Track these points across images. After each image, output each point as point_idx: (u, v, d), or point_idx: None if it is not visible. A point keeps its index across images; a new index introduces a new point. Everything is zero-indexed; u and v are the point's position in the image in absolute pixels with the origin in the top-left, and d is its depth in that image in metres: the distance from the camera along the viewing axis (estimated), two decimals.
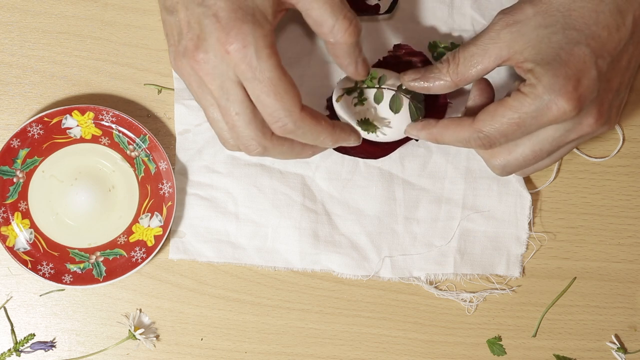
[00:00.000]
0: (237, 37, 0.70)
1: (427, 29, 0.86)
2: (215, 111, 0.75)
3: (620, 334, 0.89)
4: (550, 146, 0.76)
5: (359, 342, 0.88)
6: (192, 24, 0.72)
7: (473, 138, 0.76)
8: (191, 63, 0.73)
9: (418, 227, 0.87)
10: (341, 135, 0.76)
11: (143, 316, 0.88)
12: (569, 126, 0.75)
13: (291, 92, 0.72)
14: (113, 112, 0.85)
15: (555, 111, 0.73)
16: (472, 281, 0.88)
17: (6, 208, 0.86)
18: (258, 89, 0.71)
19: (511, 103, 0.74)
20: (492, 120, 0.75)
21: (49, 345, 0.88)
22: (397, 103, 0.80)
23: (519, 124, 0.74)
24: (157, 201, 0.86)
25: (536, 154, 0.77)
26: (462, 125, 0.77)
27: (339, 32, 0.74)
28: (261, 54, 0.71)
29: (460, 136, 0.77)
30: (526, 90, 0.73)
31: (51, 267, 0.86)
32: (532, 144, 0.76)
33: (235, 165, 0.87)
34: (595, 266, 0.88)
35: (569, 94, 0.72)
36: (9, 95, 0.88)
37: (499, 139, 0.75)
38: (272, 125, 0.73)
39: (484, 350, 0.88)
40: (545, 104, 0.73)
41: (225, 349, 0.88)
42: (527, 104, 0.73)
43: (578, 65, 0.72)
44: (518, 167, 0.78)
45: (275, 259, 0.87)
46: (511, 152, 0.77)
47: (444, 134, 0.78)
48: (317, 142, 0.75)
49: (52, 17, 0.87)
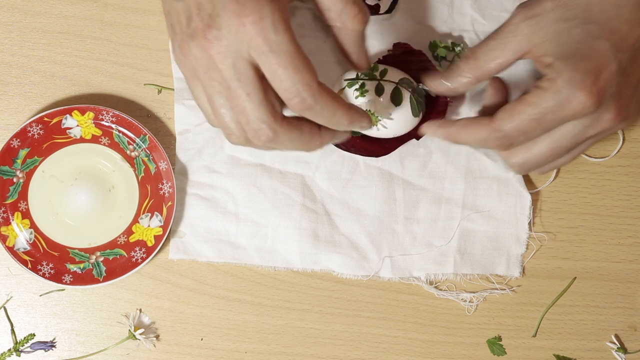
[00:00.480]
0: (253, 10, 0.68)
1: (427, 28, 0.86)
2: (222, 98, 0.72)
3: (620, 334, 0.89)
4: (569, 142, 0.75)
5: (359, 342, 0.88)
6: (203, 3, 0.70)
7: (491, 138, 0.75)
8: (202, 43, 0.70)
9: (418, 227, 0.87)
10: (356, 115, 0.74)
11: (143, 316, 0.88)
12: (588, 122, 0.74)
13: (308, 65, 0.70)
14: (113, 112, 0.85)
15: (575, 105, 0.72)
16: (472, 281, 0.88)
17: (6, 208, 0.86)
18: (275, 63, 0.69)
19: (530, 99, 0.73)
20: (511, 118, 0.74)
21: (49, 345, 0.88)
22: (398, 96, 0.80)
23: (538, 121, 0.73)
24: (157, 201, 0.86)
25: (555, 151, 0.76)
26: (480, 125, 0.76)
27: (347, 18, 0.73)
28: (278, 27, 0.68)
29: (479, 136, 0.76)
30: (545, 85, 0.72)
31: (51, 267, 0.86)
32: (551, 140, 0.75)
33: (235, 165, 0.87)
34: (595, 266, 0.88)
35: (589, 87, 0.71)
36: (9, 95, 0.88)
37: (518, 137, 0.74)
38: (290, 101, 0.70)
39: (484, 350, 0.88)
40: (565, 98, 0.72)
41: (225, 349, 0.88)
42: (547, 99, 0.72)
43: (598, 59, 0.72)
44: (536, 164, 0.77)
45: (275, 259, 0.87)
46: (529, 150, 0.76)
47: (461, 134, 0.77)
48: (333, 121, 0.72)
49: (52, 17, 0.87)
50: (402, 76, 0.81)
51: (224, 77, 0.70)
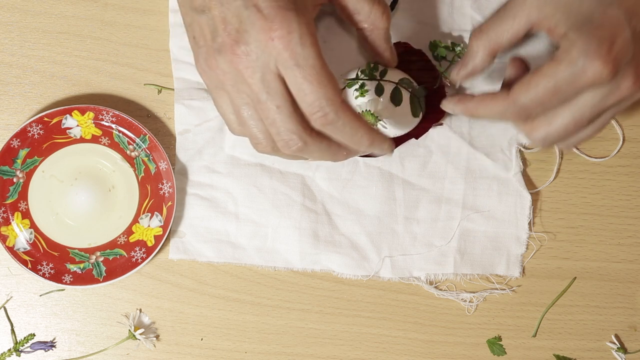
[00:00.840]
0: (281, 24, 0.69)
1: (427, 28, 0.86)
2: (250, 110, 0.73)
3: (620, 334, 0.89)
4: (590, 113, 0.75)
5: (359, 342, 0.88)
6: (229, 18, 0.71)
7: (509, 110, 0.76)
8: (230, 58, 0.71)
9: (418, 227, 0.87)
10: (377, 138, 0.74)
11: (143, 316, 0.88)
12: (606, 90, 0.74)
13: (333, 81, 0.71)
14: (113, 112, 0.85)
15: (590, 75, 0.72)
16: (472, 281, 0.88)
17: (6, 208, 0.86)
18: (300, 77, 0.70)
19: (546, 70, 0.73)
20: (527, 89, 0.74)
21: (49, 345, 0.88)
22: (398, 96, 0.80)
23: (554, 91, 0.73)
24: (157, 201, 0.86)
25: (577, 122, 0.76)
26: (498, 98, 0.76)
27: (377, 17, 0.76)
28: (305, 41, 0.69)
29: (496, 109, 0.76)
30: (560, 56, 0.72)
31: (51, 267, 0.86)
32: (572, 112, 0.75)
33: (235, 165, 0.87)
34: (595, 266, 0.88)
35: (604, 56, 0.71)
36: (9, 95, 0.88)
37: (535, 108, 0.75)
38: (312, 115, 0.71)
39: (484, 350, 0.88)
40: (580, 68, 0.72)
41: (225, 349, 0.88)
42: (562, 70, 0.72)
43: (612, 27, 0.72)
44: (559, 137, 0.77)
45: (275, 259, 0.87)
46: (551, 123, 0.76)
47: (479, 108, 0.78)
48: (354, 140, 0.73)
49: (52, 17, 0.87)
50: (402, 76, 0.81)
51: (254, 91, 0.72)
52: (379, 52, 0.79)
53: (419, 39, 0.86)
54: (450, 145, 0.87)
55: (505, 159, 0.87)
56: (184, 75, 0.86)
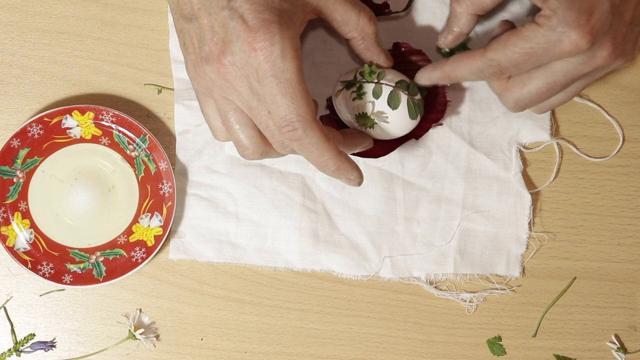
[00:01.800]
0: (265, 36, 0.70)
1: (427, 28, 0.86)
2: (236, 115, 0.75)
3: (620, 334, 0.89)
4: (564, 79, 0.76)
5: (359, 342, 0.88)
6: (215, 28, 0.72)
7: (485, 67, 0.76)
8: (217, 67, 0.73)
9: (418, 227, 0.87)
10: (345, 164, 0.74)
11: (143, 316, 0.88)
12: (582, 59, 0.75)
13: (307, 99, 0.72)
14: (113, 112, 0.85)
15: (567, 44, 0.73)
16: (472, 281, 0.88)
17: (6, 208, 0.86)
18: (276, 89, 0.71)
19: (524, 33, 0.74)
20: (504, 48, 0.75)
21: (49, 345, 0.88)
22: (395, 99, 0.80)
23: (530, 54, 0.74)
24: (157, 201, 0.86)
25: (550, 86, 0.77)
26: (474, 56, 0.77)
27: (365, 24, 0.77)
28: (286, 55, 0.71)
29: (473, 67, 0.77)
30: (540, 22, 0.73)
31: (51, 267, 0.86)
32: (546, 76, 0.76)
33: (235, 165, 0.87)
34: (595, 266, 0.88)
35: (582, 27, 0.72)
36: (9, 95, 0.88)
37: (510, 68, 0.76)
38: (281, 128, 0.72)
39: (484, 350, 0.88)
40: (558, 36, 0.73)
41: (225, 349, 0.88)
42: (540, 35, 0.73)
43: None
44: (531, 101, 0.78)
45: (275, 259, 0.87)
46: (525, 85, 0.77)
47: (456, 69, 0.78)
48: (319, 162, 0.74)
49: (52, 17, 0.87)
50: (400, 77, 0.81)
51: (244, 99, 0.73)
52: (373, 57, 0.80)
53: (418, 39, 0.86)
54: (450, 145, 0.87)
55: (505, 159, 0.87)
56: (184, 75, 0.86)
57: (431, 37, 0.86)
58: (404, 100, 0.80)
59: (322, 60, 0.86)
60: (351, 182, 0.76)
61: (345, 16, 0.77)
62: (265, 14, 0.71)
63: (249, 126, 0.75)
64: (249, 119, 0.75)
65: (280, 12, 0.72)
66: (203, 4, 0.73)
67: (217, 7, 0.72)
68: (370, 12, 0.78)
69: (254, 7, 0.71)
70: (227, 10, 0.72)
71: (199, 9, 0.73)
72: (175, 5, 0.76)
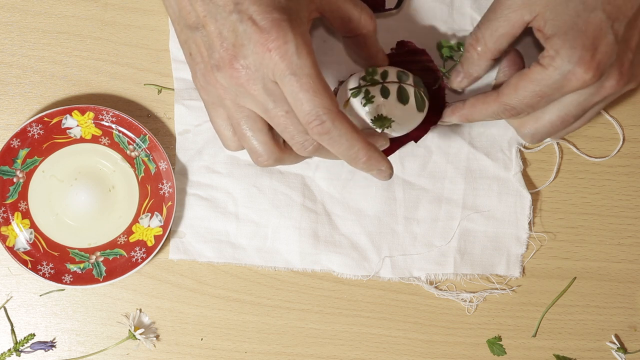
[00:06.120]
0: (277, 35, 0.70)
1: (427, 28, 0.86)
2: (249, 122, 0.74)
3: (620, 334, 0.89)
4: (576, 110, 0.78)
5: (359, 342, 0.88)
6: (224, 33, 0.71)
7: (501, 111, 0.78)
8: (230, 73, 0.72)
9: (418, 227, 0.87)
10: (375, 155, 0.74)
11: (143, 316, 0.88)
12: (592, 90, 0.76)
13: (329, 91, 0.72)
14: (113, 112, 0.85)
15: (574, 81, 0.74)
16: (472, 281, 0.88)
17: (6, 208, 0.86)
18: (297, 86, 0.70)
19: (531, 76, 0.76)
20: (515, 93, 0.77)
21: (49, 345, 0.88)
22: (404, 94, 0.80)
23: (541, 96, 0.76)
24: (157, 201, 0.86)
25: (563, 119, 0.78)
26: (488, 101, 0.79)
27: (367, 21, 0.78)
28: (301, 51, 0.70)
29: (488, 111, 0.79)
30: (545, 63, 0.75)
31: (51, 267, 0.86)
32: (558, 110, 0.78)
33: (235, 165, 0.87)
34: (595, 266, 0.88)
35: (587, 63, 0.73)
36: (9, 95, 0.88)
37: (525, 109, 0.77)
38: (309, 124, 0.71)
39: (484, 350, 0.88)
40: (564, 75, 0.74)
41: (225, 349, 0.88)
42: (547, 77, 0.75)
43: (594, 33, 0.73)
44: (547, 134, 0.80)
45: (275, 259, 0.87)
46: (538, 120, 0.79)
47: (473, 113, 0.80)
48: (350, 154, 0.73)
49: (52, 17, 0.87)
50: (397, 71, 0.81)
51: (259, 101, 0.72)
52: (371, 54, 0.81)
53: (419, 38, 0.86)
54: (450, 145, 0.87)
55: (505, 159, 0.87)
56: (184, 75, 0.86)
57: (431, 37, 0.86)
58: (412, 93, 0.80)
59: (322, 60, 0.86)
60: (382, 174, 0.76)
61: (347, 14, 0.78)
62: (275, 14, 0.70)
63: (262, 132, 0.75)
64: (262, 125, 0.75)
65: (288, 10, 0.71)
66: (209, 11, 0.72)
67: (225, 12, 0.71)
68: (370, 11, 0.79)
69: (262, 8, 0.71)
70: (235, 14, 0.71)
71: (205, 16, 0.72)
72: (177, 16, 0.75)
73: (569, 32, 0.74)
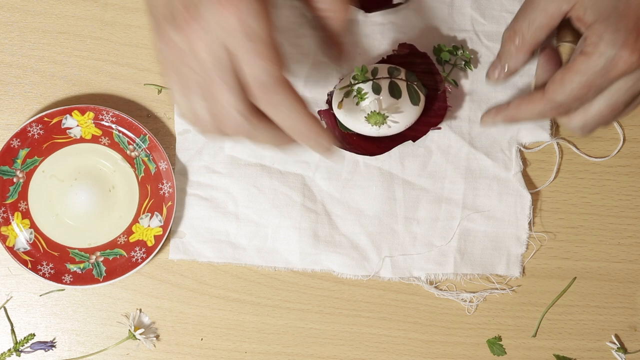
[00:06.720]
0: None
1: (427, 28, 0.86)
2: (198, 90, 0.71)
3: (620, 334, 0.89)
4: (625, 97, 0.77)
5: (359, 342, 0.88)
6: None
7: (548, 109, 0.78)
8: (185, 32, 0.69)
9: (418, 227, 0.87)
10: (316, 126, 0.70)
11: (143, 316, 0.88)
12: (638, 75, 0.75)
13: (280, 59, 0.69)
14: (113, 112, 0.85)
15: (622, 65, 0.73)
16: (472, 281, 0.88)
17: (6, 208, 0.86)
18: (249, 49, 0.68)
19: (577, 67, 0.75)
20: (562, 88, 0.76)
21: (49, 345, 0.88)
22: (395, 88, 0.80)
23: (589, 85, 0.75)
24: (157, 201, 0.86)
25: (613, 107, 0.78)
26: (534, 100, 0.78)
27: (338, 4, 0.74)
28: (258, 15, 0.68)
29: (535, 111, 0.78)
30: (590, 50, 0.74)
31: (51, 267, 0.86)
32: (607, 99, 0.77)
33: (235, 165, 0.87)
34: (595, 266, 0.88)
35: (632, 45, 0.73)
36: (9, 95, 0.88)
37: (574, 104, 0.77)
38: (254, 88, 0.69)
39: (484, 350, 0.88)
40: (610, 59, 0.73)
41: (225, 349, 0.88)
42: (593, 64, 0.74)
43: (637, 15, 0.73)
44: (597, 124, 0.79)
45: (275, 259, 0.87)
46: (587, 111, 0.78)
47: (519, 113, 0.80)
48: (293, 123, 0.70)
49: (52, 17, 0.87)
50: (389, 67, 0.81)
51: (205, 67, 0.70)
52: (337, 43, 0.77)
53: (418, 39, 0.86)
54: (450, 145, 0.87)
55: (505, 159, 0.87)
56: None
57: (431, 37, 0.86)
58: (405, 88, 0.80)
59: (322, 60, 0.86)
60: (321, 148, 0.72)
61: None
62: None
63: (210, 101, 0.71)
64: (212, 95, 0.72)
65: None
66: None
67: None
68: None
69: None
70: None
71: None
72: None
73: (610, 16, 0.73)
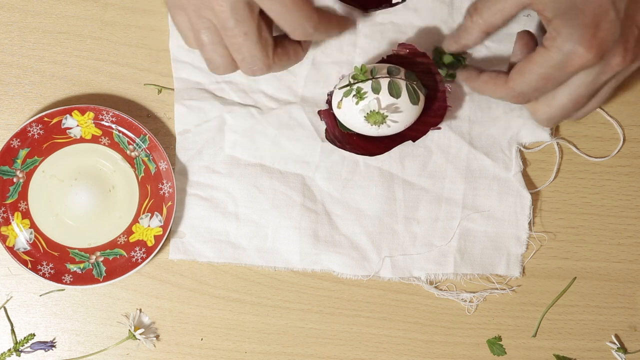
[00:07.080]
0: None
1: (427, 28, 0.86)
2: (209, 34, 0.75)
3: (620, 334, 0.89)
4: (586, 91, 0.78)
5: (359, 342, 0.88)
6: None
7: (509, 96, 0.79)
8: None
9: (418, 227, 0.87)
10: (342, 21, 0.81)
11: (143, 316, 0.88)
12: (598, 69, 0.76)
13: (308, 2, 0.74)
14: (113, 112, 0.85)
15: (577, 60, 0.74)
16: (472, 281, 0.88)
17: (6, 208, 0.86)
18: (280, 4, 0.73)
19: (536, 59, 0.76)
20: (522, 78, 0.77)
21: (49, 345, 0.88)
22: (395, 87, 0.80)
23: (547, 78, 0.76)
24: (157, 201, 0.86)
25: (575, 101, 0.78)
26: (498, 84, 0.80)
27: None
28: None
29: (498, 94, 0.80)
30: (548, 44, 0.75)
31: (51, 267, 0.86)
32: (568, 92, 0.78)
33: (235, 165, 0.87)
34: (595, 266, 0.88)
35: (588, 41, 0.73)
36: (9, 95, 0.88)
37: (532, 93, 0.78)
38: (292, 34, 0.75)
39: (484, 350, 0.88)
40: (567, 55, 0.74)
41: (225, 349, 0.88)
42: (550, 58, 0.75)
43: (595, 11, 0.73)
44: (561, 117, 0.80)
45: (275, 259, 0.87)
46: (551, 105, 0.79)
47: (484, 90, 0.81)
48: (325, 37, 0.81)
49: (52, 17, 0.87)
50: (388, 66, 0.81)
51: (220, 18, 0.73)
52: None
53: (418, 39, 0.86)
54: (450, 145, 0.87)
55: (505, 159, 0.87)
56: (184, 75, 0.86)
57: (431, 36, 0.86)
58: (404, 87, 0.80)
59: (322, 60, 0.86)
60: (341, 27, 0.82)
61: None
62: None
63: (221, 45, 0.76)
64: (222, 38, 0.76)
65: None
66: None
67: None
68: None
69: None
70: None
71: None
72: None
73: (569, 12, 0.74)
